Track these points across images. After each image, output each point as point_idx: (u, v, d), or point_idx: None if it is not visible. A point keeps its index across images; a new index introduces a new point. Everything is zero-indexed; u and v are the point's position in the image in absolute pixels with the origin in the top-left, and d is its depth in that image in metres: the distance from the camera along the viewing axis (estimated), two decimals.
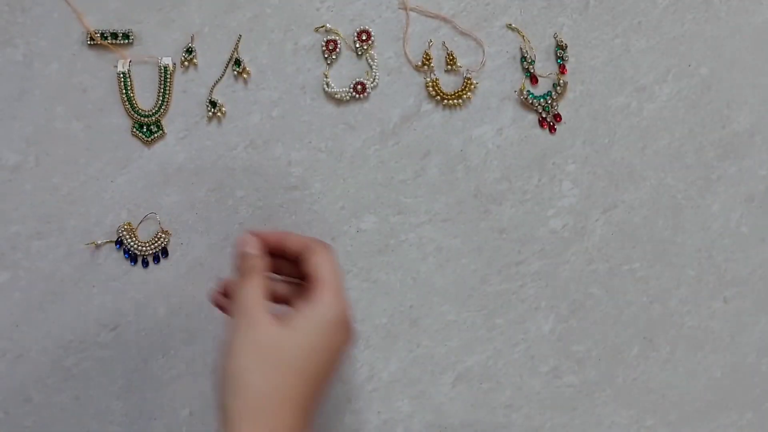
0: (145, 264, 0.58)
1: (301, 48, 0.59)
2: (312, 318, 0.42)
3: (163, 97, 0.58)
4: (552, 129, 0.58)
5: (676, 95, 0.59)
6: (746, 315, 0.58)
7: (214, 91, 0.59)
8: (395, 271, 0.58)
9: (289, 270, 0.48)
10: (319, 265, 0.44)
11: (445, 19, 0.59)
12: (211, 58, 0.59)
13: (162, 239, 0.58)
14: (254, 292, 0.43)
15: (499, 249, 0.58)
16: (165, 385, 0.58)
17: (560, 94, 0.58)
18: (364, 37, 0.59)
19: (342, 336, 0.44)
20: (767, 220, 0.59)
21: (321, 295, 0.43)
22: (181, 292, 0.58)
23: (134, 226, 0.58)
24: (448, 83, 0.59)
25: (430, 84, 0.58)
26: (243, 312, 0.43)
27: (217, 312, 0.49)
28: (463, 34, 0.59)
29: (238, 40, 0.59)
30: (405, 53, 0.59)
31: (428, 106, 0.59)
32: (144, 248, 0.58)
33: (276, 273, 0.48)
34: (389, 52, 0.59)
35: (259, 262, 0.45)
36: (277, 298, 0.47)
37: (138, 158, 0.59)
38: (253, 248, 0.46)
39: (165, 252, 0.58)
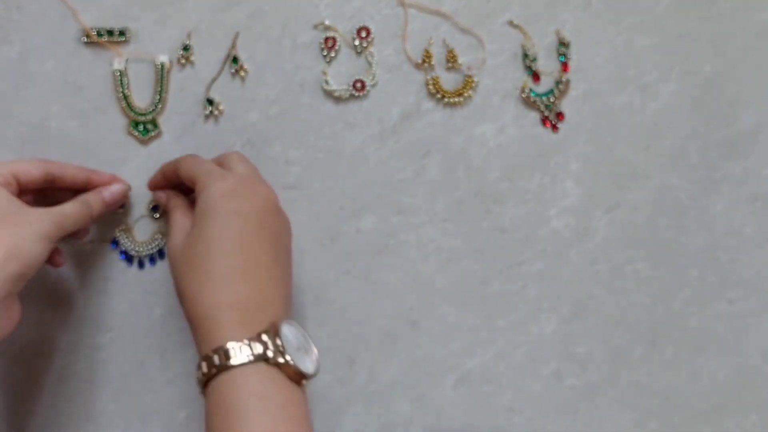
0: (141, 265, 0.57)
1: (299, 45, 0.58)
2: (198, 214, 0.48)
3: (160, 95, 0.58)
4: (554, 127, 0.58)
5: (680, 93, 0.58)
6: (751, 316, 0.58)
7: (211, 88, 0.58)
8: (395, 271, 0.58)
9: None
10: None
11: (445, 16, 0.58)
12: (208, 56, 0.58)
13: (159, 241, 0.57)
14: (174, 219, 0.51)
15: (501, 249, 0.58)
16: (161, 388, 0.57)
17: (563, 92, 0.58)
18: (363, 35, 0.58)
19: (243, 201, 0.48)
20: (767, 221, 0.58)
21: (200, 189, 0.48)
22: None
23: (131, 225, 0.58)
24: (449, 81, 0.58)
25: (431, 82, 0.58)
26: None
27: None
28: (463, 31, 0.58)
29: (236, 38, 0.58)
30: (405, 50, 0.58)
31: (428, 104, 0.58)
32: (141, 249, 0.57)
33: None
34: (389, 50, 0.58)
35: (175, 200, 0.53)
36: None
37: (134, 157, 0.58)
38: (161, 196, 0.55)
39: (162, 254, 0.57)
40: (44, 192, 0.53)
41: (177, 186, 0.54)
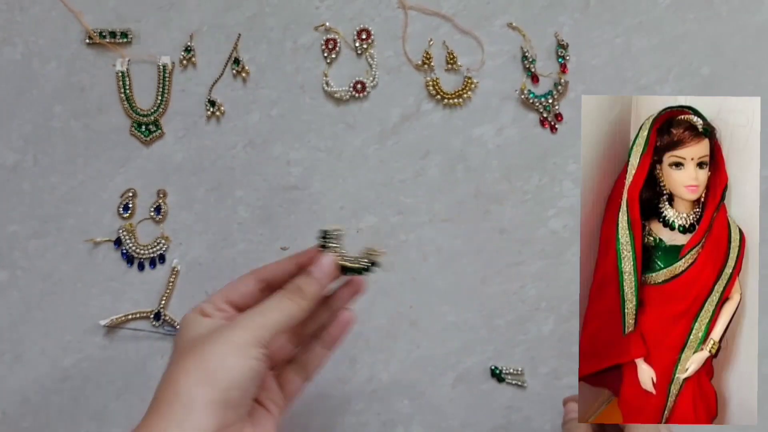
0: (141, 267, 0.58)
1: (300, 47, 0.59)
2: None
3: (162, 97, 0.58)
4: (553, 128, 0.58)
5: (678, 94, 0.58)
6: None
7: (213, 90, 0.58)
8: (395, 271, 0.58)
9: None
10: None
11: (445, 18, 0.59)
12: (210, 57, 0.59)
13: (162, 245, 0.57)
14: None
15: (500, 249, 0.58)
16: None
17: (561, 94, 0.58)
18: (363, 36, 0.58)
19: None
20: (767, 221, 0.59)
21: None
22: (179, 292, 0.58)
23: (134, 227, 0.58)
24: (449, 82, 0.58)
25: (430, 83, 0.58)
26: None
27: None
28: (463, 32, 0.59)
29: (237, 39, 0.59)
30: (405, 52, 0.59)
31: (428, 105, 0.58)
32: (142, 251, 0.57)
33: None
34: (389, 51, 0.59)
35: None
36: None
37: (136, 158, 0.58)
38: None
39: (162, 258, 0.58)
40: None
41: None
